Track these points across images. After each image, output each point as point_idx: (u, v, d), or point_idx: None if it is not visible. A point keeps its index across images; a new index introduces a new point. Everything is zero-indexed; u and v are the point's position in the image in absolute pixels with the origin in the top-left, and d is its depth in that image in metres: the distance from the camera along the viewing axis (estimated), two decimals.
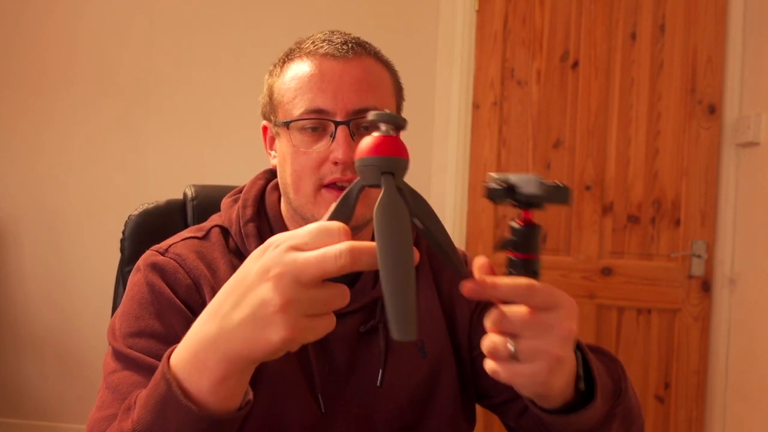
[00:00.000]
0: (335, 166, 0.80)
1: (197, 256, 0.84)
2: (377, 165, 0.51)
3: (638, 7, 2.32)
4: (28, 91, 2.63)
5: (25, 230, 2.65)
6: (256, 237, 0.85)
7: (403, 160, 0.52)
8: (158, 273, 0.81)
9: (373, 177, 0.51)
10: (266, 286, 0.49)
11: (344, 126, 0.80)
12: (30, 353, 2.65)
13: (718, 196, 2.28)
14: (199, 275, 0.82)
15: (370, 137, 0.52)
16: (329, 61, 0.82)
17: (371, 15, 2.45)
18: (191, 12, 2.55)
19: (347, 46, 0.83)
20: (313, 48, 0.84)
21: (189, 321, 0.74)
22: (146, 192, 2.49)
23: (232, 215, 0.89)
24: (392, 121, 0.52)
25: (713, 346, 2.29)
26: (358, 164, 0.52)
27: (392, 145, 0.51)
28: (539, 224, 0.60)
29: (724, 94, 2.27)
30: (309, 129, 0.82)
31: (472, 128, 2.41)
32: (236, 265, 0.79)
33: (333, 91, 0.81)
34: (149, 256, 0.84)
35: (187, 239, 0.87)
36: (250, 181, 0.95)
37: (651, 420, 2.33)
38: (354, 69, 0.82)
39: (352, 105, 0.81)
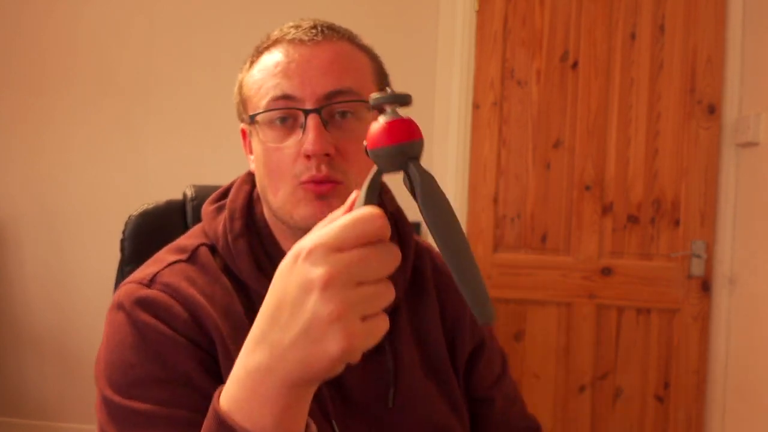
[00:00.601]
0: (308, 160, 0.71)
1: (188, 283, 0.73)
2: (403, 152, 0.47)
3: (638, 7, 2.32)
4: (28, 91, 2.63)
5: (25, 230, 2.65)
6: (248, 254, 0.76)
7: (422, 141, 0.48)
8: (148, 310, 0.70)
9: (392, 165, 0.48)
10: (313, 298, 0.44)
11: (314, 114, 0.71)
12: (30, 353, 2.65)
13: (717, 196, 2.28)
14: (196, 307, 0.71)
15: (378, 123, 0.48)
16: (297, 46, 0.75)
17: (371, 15, 2.45)
18: (191, 12, 2.55)
19: (316, 29, 0.76)
20: (280, 35, 0.77)
21: (199, 357, 0.69)
22: (146, 192, 2.49)
23: (218, 228, 0.79)
24: (396, 99, 0.48)
25: (713, 346, 2.29)
26: (376, 155, 0.48)
27: (410, 127, 0.48)
28: None
29: (724, 94, 2.27)
30: (277, 122, 0.73)
31: (472, 128, 2.41)
32: (230, 287, 0.75)
33: (300, 75, 0.73)
34: (133, 291, 0.72)
35: (174, 264, 0.76)
36: (235, 186, 0.84)
37: (651, 420, 2.33)
38: (324, 53, 0.74)
39: (322, 89, 0.72)
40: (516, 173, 2.38)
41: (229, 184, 0.86)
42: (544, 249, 2.37)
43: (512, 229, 2.38)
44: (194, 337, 0.70)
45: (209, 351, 0.70)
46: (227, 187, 0.86)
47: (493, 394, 0.91)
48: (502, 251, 2.39)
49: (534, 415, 0.96)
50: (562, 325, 2.36)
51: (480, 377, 0.90)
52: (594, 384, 2.35)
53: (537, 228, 2.37)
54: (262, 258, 0.77)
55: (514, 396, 0.94)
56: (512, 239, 2.38)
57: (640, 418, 2.33)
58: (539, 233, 2.37)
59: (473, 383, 0.89)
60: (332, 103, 0.72)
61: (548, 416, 2.37)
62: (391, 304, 0.47)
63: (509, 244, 2.39)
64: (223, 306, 0.73)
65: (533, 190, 2.37)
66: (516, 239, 2.38)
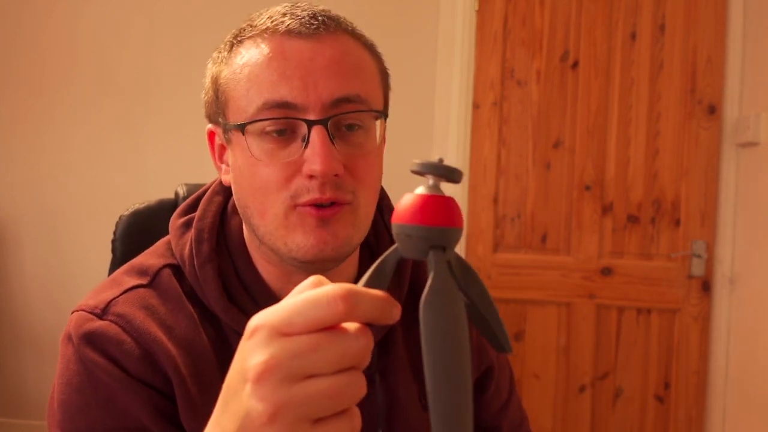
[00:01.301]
0: (311, 181, 0.60)
1: (147, 314, 0.64)
2: (425, 237, 0.39)
3: (638, 7, 2.32)
4: (28, 92, 2.63)
5: (25, 230, 2.65)
6: (216, 282, 0.66)
7: (459, 230, 0.40)
8: (97, 346, 0.62)
9: (416, 251, 0.39)
10: (247, 391, 0.37)
11: (320, 126, 0.60)
12: (30, 353, 2.65)
13: (718, 196, 2.28)
14: (151, 342, 0.63)
15: (413, 196, 0.40)
16: (294, 40, 0.62)
17: (371, 15, 2.45)
18: (191, 12, 2.55)
19: (317, 20, 0.64)
20: (271, 24, 0.63)
21: (153, 401, 0.62)
22: (146, 192, 2.49)
23: (185, 250, 0.69)
24: (445, 174, 0.39)
25: (713, 346, 2.29)
26: (397, 231, 0.40)
27: (445, 210, 0.39)
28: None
29: (724, 94, 2.27)
30: (272, 133, 0.61)
31: (472, 128, 2.41)
32: (198, 316, 0.66)
33: (301, 77, 0.60)
34: (82, 321, 0.64)
35: (130, 291, 0.66)
36: (205, 198, 0.73)
37: (651, 420, 2.33)
38: (328, 49, 0.62)
39: (329, 94, 0.61)
40: (516, 173, 2.38)
41: (201, 191, 0.76)
42: (544, 249, 2.37)
43: (512, 229, 2.38)
44: (147, 378, 0.62)
45: (164, 392, 0.63)
46: (199, 194, 0.75)
47: (499, 423, 0.84)
48: (502, 251, 2.39)
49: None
50: (562, 325, 2.36)
51: (486, 407, 0.83)
52: (594, 384, 2.35)
53: (537, 228, 2.37)
54: (235, 285, 0.68)
55: (520, 420, 0.89)
56: (512, 239, 2.38)
57: (640, 418, 2.33)
58: (539, 233, 2.37)
59: (479, 413, 0.82)
60: (340, 114, 0.61)
61: (548, 416, 2.37)
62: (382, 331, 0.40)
63: (509, 244, 2.39)
64: (186, 340, 0.65)
65: (533, 190, 2.37)
66: (516, 239, 2.38)
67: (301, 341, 0.36)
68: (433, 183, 0.40)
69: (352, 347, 0.37)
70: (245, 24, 0.67)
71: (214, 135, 0.71)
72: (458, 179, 0.40)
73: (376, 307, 0.38)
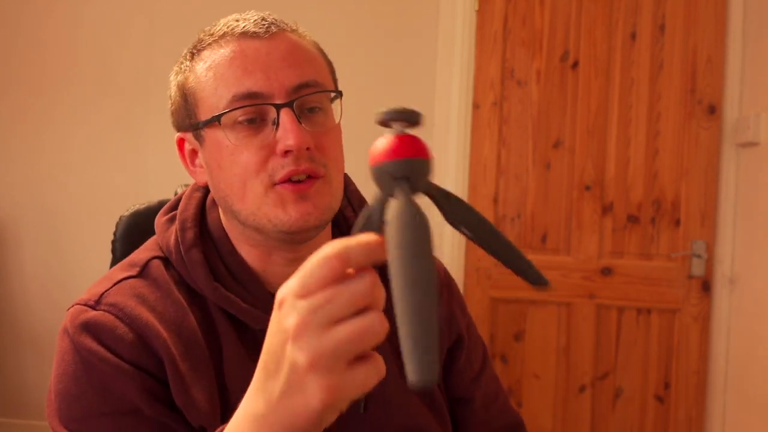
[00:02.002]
0: (286, 156, 0.67)
1: (138, 301, 0.69)
2: (388, 171, 0.43)
3: (638, 7, 2.32)
4: (28, 91, 2.63)
5: (26, 230, 2.65)
6: (203, 264, 0.72)
7: (422, 161, 0.43)
8: (92, 334, 0.67)
9: (386, 187, 0.44)
10: (289, 347, 0.43)
11: (288, 108, 0.67)
12: (30, 353, 2.65)
13: (718, 196, 2.28)
14: (143, 327, 0.67)
15: (382, 139, 0.44)
16: (250, 40, 0.70)
17: (371, 16, 2.45)
18: (191, 12, 2.55)
19: (266, 21, 0.71)
20: (227, 29, 0.71)
21: (146, 385, 0.66)
22: (146, 192, 2.49)
23: (170, 241, 0.75)
24: (404, 116, 0.43)
25: (713, 346, 2.29)
26: (373, 176, 0.44)
27: (405, 145, 0.43)
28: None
29: (724, 94, 2.27)
30: (244, 122, 0.68)
31: (472, 128, 2.41)
32: (186, 301, 0.71)
33: (262, 70, 0.68)
34: (78, 313, 0.69)
35: (121, 282, 0.72)
36: (185, 195, 0.79)
37: (651, 420, 2.33)
38: (281, 44, 0.70)
39: (290, 81, 0.68)
40: (516, 173, 2.38)
41: (181, 193, 0.81)
42: (544, 249, 2.37)
43: (512, 229, 2.38)
44: (141, 362, 0.66)
45: (157, 375, 0.67)
46: (180, 196, 0.81)
47: (472, 394, 0.87)
48: None
49: (515, 408, 0.93)
50: (562, 325, 2.36)
51: (458, 376, 0.86)
52: (594, 384, 2.35)
53: (537, 228, 2.37)
54: (219, 267, 0.73)
55: (495, 391, 0.91)
56: (512, 239, 2.38)
57: (640, 418, 2.33)
58: (539, 233, 2.37)
59: (452, 383, 0.86)
60: (303, 96, 0.68)
61: (548, 416, 2.37)
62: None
63: None
64: (175, 323, 0.70)
65: (533, 190, 2.37)
66: (516, 239, 2.38)
67: (317, 296, 0.42)
68: (397, 127, 0.44)
69: (359, 287, 0.42)
70: (201, 34, 0.75)
71: (184, 142, 0.77)
72: (418, 120, 0.43)
73: (368, 251, 0.43)
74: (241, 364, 0.70)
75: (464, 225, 0.46)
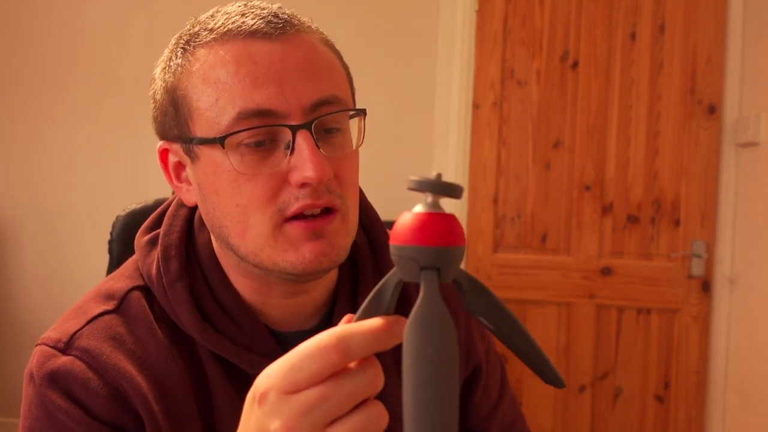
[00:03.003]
0: (302, 188, 0.56)
1: (114, 345, 0.60)
2: (415, 258, 0.37)
3: (638, 7, 2.32)
4: (28, 91, 2.63)
5: (26, 230, 2.65)
6: (188, 303, 0.62)
7: (455, 249, 0.37)
8: (60, 387, 0.58)
9: (410, 272, 0.38)
10: None
11: (306, 131, 0.56)
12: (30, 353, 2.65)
13: (718, 196, 2.28)
14: (120, 378, 0.58)
15: (408, 215, 0.38)
16: (260, 41, 0.57)
17: (371, 16, 2.45)
18: (192, 12, 2.54)
19: (280, 19, 0.59)
20: (232, 26, 0.58)
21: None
22: (147, 192, 2.48)
23: (152, 270, 0.64)
24: (443, 190, 0.37)
25: (713, 346, 2.29)
26: (394, 253, 0.38)
27: (440, 229, 0.37)
28: None
29: (724, 94, 2.27)
30: (251, 144, 0.56)
31: (472, 128, 2.41)
32: (169, 339, 0.62)
33: (276, 81, 0.56)
34: (45, 359, 0.60)
35: (96, 319, 0.62)
36: (170, 212, 0.68)
37: (651, 420, 2.33)
38: (297, 50, 0.58)
39: (308, 98, 0.57)
40: (516, 173, 2.38)
41: (165, 205, 0.70)
42: (544, 249, 2.37)
43: (512, 229, 2.38)
44: (116, 418, 0.59)
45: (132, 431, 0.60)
46: (163, 209, 0.70)
47: (488, 426, 0.81)
48: (502, 251, 2.39)
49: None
50: (562, 325, 2.36)
51: (475, 408, 0.80)
52: (594, 384, 2.35)
53: (537, 228, 2.37)
54: (209, 303, 0.63)
55: (512, 420, 0.85)
56: (512, 239, 2.38)
57: (640, 418, 2.33)
58: (539, 233, 2.37)
59: (468, 415, 0.80)
60: (322, 116, 0.58)
61: (548, 416, 2.37)
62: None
63: (509, 244, 2.39)
64: (158, 371, 0.61)
65: (533, 190, 2.37)
66: (516, 239, 2.38)
67: (309, 395, 0.37)
68: (432, 200, 0.38)
69: (360, 383, 0.37)
70: (197, 27, 0.61)
71: (168, 153, 0.64)
72: (458, 195, 0.38)
73: (372, 341, 0.37)
74: (235, 416, 0.62)
75: (486, 318, 0.41)
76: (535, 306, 2.37)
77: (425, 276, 0.37)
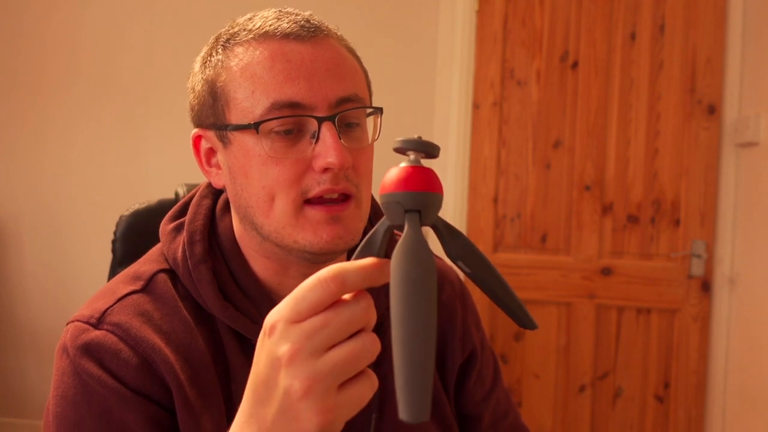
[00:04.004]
0: (324, 173, 0.63)
1: (143, 321, 0.65)
2: (400, 202, 0.43)
3: (638, 7, 2.32)
4: (29, 92, 2.63)
5: (26, 230, 2.65)
6: (212, 283, 0.67)
7: (433, 195, 0.44)
8: (94, 357, 0.63)
9: (396, 216, 0.44)
10: (282, 375, 0.43)
11: (330, 122, 0.63)
12: (30, 353, 2.65)
13: (717, 196, 2.28)
14: (149, 350, 0.63)
15: (395, 168, 0.44)
16: (293, 43, 0.65)
17: (371, 16, 2.45)
18: (192, 13, 2.55)
19: (312, 25, 0.67)
20: (269, 28, 0.65)
21: (149, 412, 0.63)
22: (147, 192, 2.49)
23: (177, 254, 0.70)
24: (422, 147, 0.44)
25: (713, 346, 2.29)
26: (382, 201, 0.44)
27: (420, 178, 0.43)
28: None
29: (724, 94, 2.27)
30: (281, 132, 0.63)
31: (472, 128, 2.41)
32: (193, 319, 0.68)
33: (306, 78, 0.63)
34: (78, 332, 0.65)
35: (125, 297, 0.67)
36: (194, 202, 0.74)
37: (651, 420, 2.33)
38: (325, 52, 0.66)
39: (334, 94, 0.64)
40: (516, 173, 2.38)
41: (188, 196, 0.77)
42: (544, 249, 2.37)
43: (512, 229, 2.39)
44: (145, 388, 0.63)
45: (162, 401, 0.64)
46: (187, 200, 0.76)
47: (481, 412, 0.85)
48: (502, 251, 2.39)
49: (527, 427, 0.91)
50: (562, 325, 2.36)
51: (469, 393, 0.84)
52: (594, 384, 2.35)
53: (537, 228, 2.37)
54: (230, 285, 0.69)
55: (506, 409, 0.89)
56: (512, 239, 2.39)
57: (640, 418, 2.33)
58: (539, 233, 2.37)
59: (462, 401, 0.84)
60: (345, 111, 0.65)
61: (548, 416, 2.37)
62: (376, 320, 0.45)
63: (509, 244, 2.39)
64: (183, 345, 0.66)
65: (533, 190, 2.37)
66: (516, 239, 2.38)
67: (311, 322, 0.42)
68: (414, 158, 0.44)
69: (355, 312, 0.43)
70: (236, 28, 0.68)
71: (201, 139, 0.71)
72: (435, 154, 0.45)
73: (365, 275, 0.43)
74: None
75: (463, 261, 0.46)
76: (535, 306, 2.37)
77: (409, 217, 0.43)
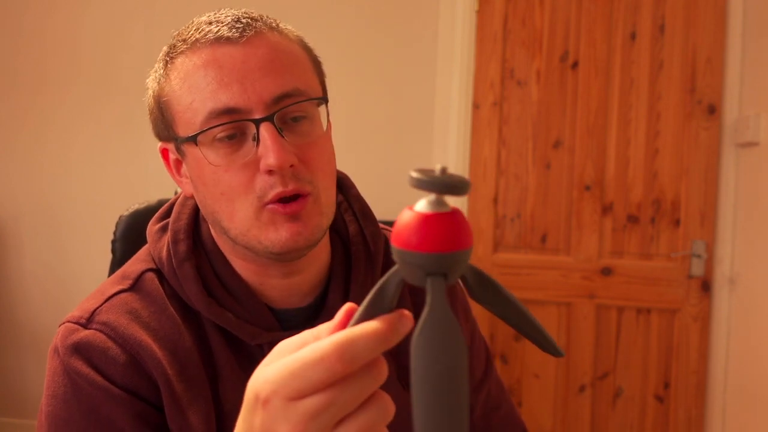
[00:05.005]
0: (270, 176, 0.63)
1: (130, 319, 0.67)
2: (421, 265, 0.34)
3: (638, 7, 2.32)
4: (29, 91, 2.64)
5: (26, 230, 2.65)
6: (195, 279, 0.69)
7: (464, 253, 0.35)
8: (82, 356, 0.64)
9: (415, 277, 0.35)
10: None
11: (268, 123, 0.62)
12: (30, 353, 2.65)
13: (717, 196, 2.28)
14: (137, 347, 0.65)
15: (410, 215, 0.35)
16: (224, 46, 0.64)
17: (371, 16, 2.45)
18: (193, 13, 2.54)
19: (241, 23, 0.65)
20: (199, 35, 0.65)
21: (137, 409, 0.64)
22: (147, 192, 2.49)
23: (162, 253, 0.71)
24: (447, 189, 0.33)
25: (713, 346, 2.29)
26: (395, 255, 0.36)
27: (447, 232, 0.34)
28: None
29: (724, 94, 2.27)
30: (223, 138, 0.63)
31: (472, 128, 2.41)
32: (179, 316, 0.69)
33: (239, 81, 0.63)
34: (68, 332, 0.66)
35: (113, 297, 0.69)
36: (178, 203, 0.75)
37: (651, 420, 2.33)
38: (258, 50, 0.64)
39: (269, 93, 0.63)
40: (516, 173, 2.38)
41: (174, 198, 0.78)
42: (544, 249, 2.37)
43: (512, 229, 2.39)
44: (133, 385, 0.64)
45: (150, 398, 0.65)
46: (173, 201, 0.77)
47: (472, 403, 0.84)
48: (502, 251, 2.39)
49: (520, 417, 0.91)
50: (562, 325, 2.36)
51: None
52: (594, 384, 2.35)
53: (537, 228, 2.37)
54: (213, 281, 0.70)
55: (498, 400, 0.88)
56: (512, 239, 2.39)
57: (640, 418, 2.33)
58: (539, 233, 2.37)
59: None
60: (283, 108, 0.64)
61: (548, 416, 2.37)
62: None
63: (509, 244, 2.39)
64: (170, 341, 0.67)
65: (533, 190, 2.37)
66: (516, 239, 2.38)
67: (314, 401, 0.37)
68: (436, 199, 0.35)
69: (365, 383, 0.37)
70: (175, 40, 0.68)
71: (168, 152, 0.72)
72: (465, 192, 0.34)
73: (377, 344, 0.36)
74: (236, 384, 0.68)
75: (491, 306, 0.40)
76: (535, 306, 2.37)
77: (432, 282, 0.34)
